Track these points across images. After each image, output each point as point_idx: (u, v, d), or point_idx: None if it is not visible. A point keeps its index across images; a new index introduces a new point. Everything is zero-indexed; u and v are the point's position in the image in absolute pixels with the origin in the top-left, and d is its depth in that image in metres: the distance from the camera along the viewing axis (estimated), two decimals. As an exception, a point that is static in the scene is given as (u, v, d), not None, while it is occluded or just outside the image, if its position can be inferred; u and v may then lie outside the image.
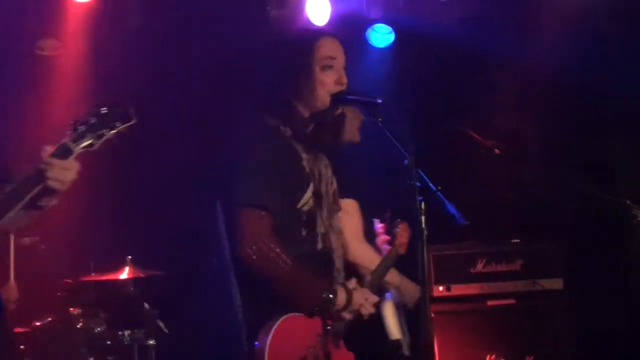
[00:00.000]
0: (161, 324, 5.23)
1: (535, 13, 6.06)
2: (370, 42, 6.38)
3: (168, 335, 5.25)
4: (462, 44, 6.15)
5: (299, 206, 3.32)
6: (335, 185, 3.54)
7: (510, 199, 5.35)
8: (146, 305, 5.24)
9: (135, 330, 5.14)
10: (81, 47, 5.81)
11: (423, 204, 3.10)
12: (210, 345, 5.55)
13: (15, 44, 5.71)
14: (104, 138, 2.87)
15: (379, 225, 4.62)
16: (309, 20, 5.88)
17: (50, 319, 5.29)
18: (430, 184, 3.19)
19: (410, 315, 4.71)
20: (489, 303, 5.52)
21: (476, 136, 4.90)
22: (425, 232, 3.08)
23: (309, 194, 3.34)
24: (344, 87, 3.43)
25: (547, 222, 5.83)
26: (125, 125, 2.89)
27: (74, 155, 2.82)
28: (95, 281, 5.34)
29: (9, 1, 5.53)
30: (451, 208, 3.30)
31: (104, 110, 2.87)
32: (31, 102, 5.82)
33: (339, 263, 3.51)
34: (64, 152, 2.84)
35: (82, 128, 2.86)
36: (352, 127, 4.54)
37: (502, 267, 5.51)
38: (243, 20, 5.74)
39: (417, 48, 6.31)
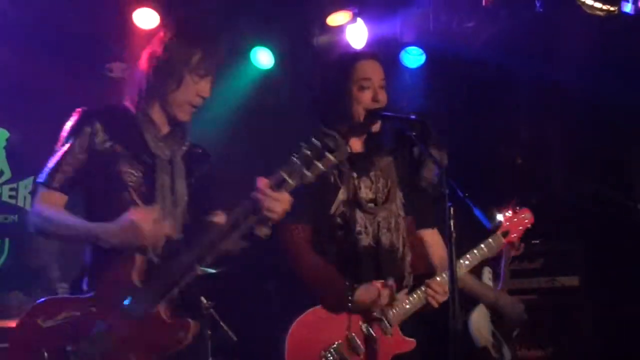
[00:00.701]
0: (216, 316, 5.54)
1: (555, 34, 6.22)
2: (403, 64, 6.52)
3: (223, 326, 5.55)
4: (488, 64, 6.31)
5: (332, 212, 3.67)
6: (383, 188, 3.74)
7: (533, 203, 5.61)
8: (202, 298, 5.56)
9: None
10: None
11: (452, 209, 3.15)
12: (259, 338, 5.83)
13: (86, 66, 5.92)
14: (318, 171, 2.97)
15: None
16: (348, 44, 6.10)
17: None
18: (459, 191, 3.26)
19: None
20: None
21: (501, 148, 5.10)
22: (454, 235, 3.13)
23: (338, 200, 3.67)
24: (380, 104, 3.71)
25: (566, 224, 6.04)
26: (337, 158, 2.99)
27: (289, 189, 2.99)
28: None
29: (79, 26, 5.70)
30: (478, 213, 3.45)
31: (316, 143, 2.97)
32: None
33: (388, 256, 3.72)
34: (278, 184, 2.99)
35: (297, 161, 2.96)
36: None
37: (524, 266, 5.81)
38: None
39: (446, 68, 6.49)
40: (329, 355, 3.51)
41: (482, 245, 3.90)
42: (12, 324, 3.34)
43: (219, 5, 5.82)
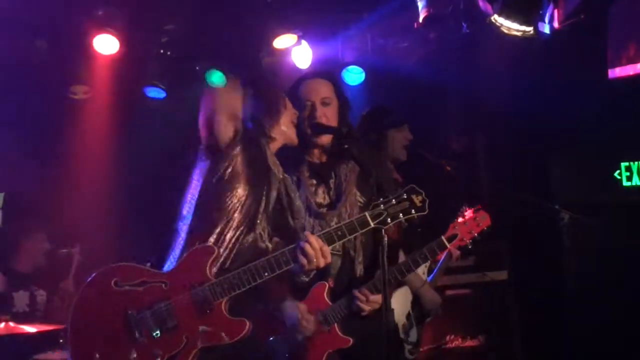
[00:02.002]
0: None
1: (480, 54, 6.50)
2: (345, 81, 6.63)
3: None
4: (421, 81, 6.59)
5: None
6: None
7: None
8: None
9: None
10: (107, 91, 6.23)
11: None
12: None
13: (52, 89, 6.19)
14: (397, 221, 3.23)
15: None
16: (294, 65, 6.32)
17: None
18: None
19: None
20: (447, 292, 6.15)
21: (429, 156, 5.29)
22: (385, 238, 3.28)
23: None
24: (318, 120, 3.92)
25: (494, 225, 6.31)
26: (418, 215, 3.25)
27: (368, 229, 3.23)
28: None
29: (44, 50, 5.89)
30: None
31: (404, 196, 3.26)
32: (64, 141, 6.21)
33: (336, 260, 3.88)
34: (360, 224, 3.27)
35: (382, 207, 3.23)
36: (398, 146, 5.12)
37: (458, 263, 6.05)
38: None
39: (384, 85, 6.76)
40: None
41: (424, 249, 4.12)
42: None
43: (176, 30, 6.05)
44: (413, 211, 3.27)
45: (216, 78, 6.06)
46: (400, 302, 4.90)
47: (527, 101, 6.55)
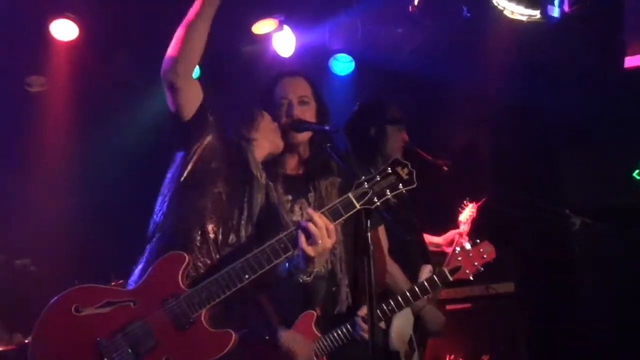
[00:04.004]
0: None
1: (483, 42, 6.38)
2: (332, 71, 6.65)
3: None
4: (417, 71, 6.49)
5: None
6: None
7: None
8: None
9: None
10: (66, 82, 6.04)
11: (369, 222, 3.16)
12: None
13: (4, 81, 5.95)
14: (384, 198, 3.12)
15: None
16: (276, 53, 6.19)
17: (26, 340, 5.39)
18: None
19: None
20: (447, 307, 5.97)
21: (425, 155, 5.19)
22: (372, 248, 3.12)
23: None
24: (294, 118, 3.80)
25: (498, 231, 6.01)
26: (407, 189, 3.13)
27: (353, 212, 3.11)
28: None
29: None
30: (392, 226, 3.61)
31: (389, 171, 3.14)
32: (20, 136, 6.05)
33: (320, 283, 3.78)
34: (344, 206, 3.13)
35: (366, 186, 3.12)
36: (395, 146, 5.01)
37: None
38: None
39: (376, 76, 6.64)
40: None
41: (425, 282, 4.02)
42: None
43: (141, 14, 5.84)
44: (401, 185, 3.12)
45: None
46: (400, 327, 4.67)
47: (534, 93, 6.46)
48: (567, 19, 5.91)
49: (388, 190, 3.12)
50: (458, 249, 4.08)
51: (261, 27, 6.16)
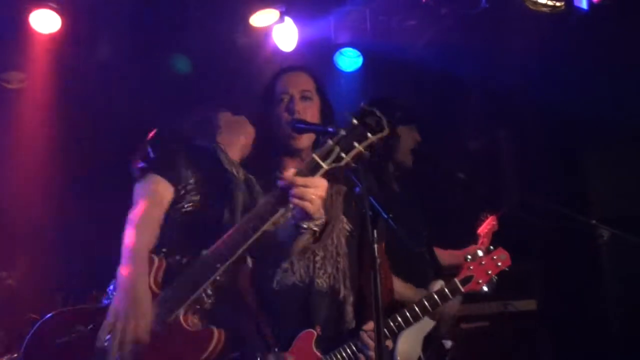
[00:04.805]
0: None
1: (502, 34, 6.27)
2: (338, 67, 6.52)
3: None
4: (431, 67, 6.35)
5: None
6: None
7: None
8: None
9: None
10: (47, 78, 5.88)
11: (376, 232, 3.10)
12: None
13: None
14: (354, 152, 2.95)
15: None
16: (276, 47, 6.05)
17: (15, 355, 5.27)
18: (382, 212, 3.24)
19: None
20: (463, 326, 5.79)
21: (438, 161, 5.12)
22: (379, 261, 3.06)
23: None
24: (297, 116, 3.71)
25: (519, 243, 6.14)
26: (377, 137, 2.95)
27: (322, 172, 2.95)
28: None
29: None
30: (402, 235, 3.46)
31: (354, 121, 2.94)
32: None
33: (322, 300, 3.71)
34: (310, 169, 2.96)
35: (330, 142, 2.96)
36: (406, 148, 4.90)
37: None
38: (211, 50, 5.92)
39: (385, 72, 6.48)
40: None
41: (434, 294, 3.90)
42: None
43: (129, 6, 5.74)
44: (369, 134, 2.92)
45: (181, 64, 6.08)
46: (409, 345, 4.50)
47: (558, 91, 6.31)
48: (595, 9, 5.82)
49: (356, 143, 2.93)
50: (469, 257, 3.97)
51: (260, 18, 6.02)
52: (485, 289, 3.92)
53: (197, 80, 6.03)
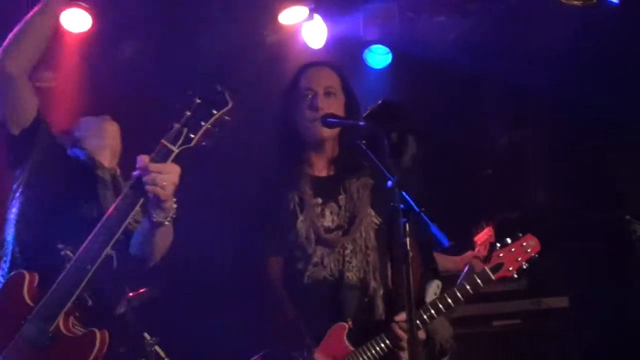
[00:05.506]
0: (161, 352, 5.21)
1: (532, 29, 6.23)
2: (367, 64, 6.51)
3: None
4: (460, 64, 6.32)
5: (292, 243, 3.66)
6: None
7: (512, 218, 5.58)
8: (145, 334, 5.18)
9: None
10: (76, 77, 5.90)
11: (407, 225, 3.09)
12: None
13: None
14: (202, 130, 2.89)
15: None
16: (305, 45, 6.06)
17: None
18: (414, 206, 3.24)
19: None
20: (494, 323, 5.83)
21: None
22: (411, 254, 3.06)
23: (297, 230, 3.67)
24: (321, 111, 3.71)
25: (551, 239, 6.08)
26: (222, 112, 2.89)
27: (173, 156, 2.89)
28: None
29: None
30: (435, 230, 3.42)
31: (197, 100, 2.88)
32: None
33: (353, 294, 3.70)
34: (162, 155, 2.89)
35: (177, 125, 2.89)
36: (409, 161, 4.77)
37: (507, 287, 5.69)
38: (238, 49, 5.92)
39: (414, 69, 6.46)
40: None
41: (465, 282, 3.81)
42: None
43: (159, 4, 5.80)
44: (214, 111, 2.88)
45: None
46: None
47: (589, 87, 6.25)
48: (628, 2, 5.81)
49: (202, 122, 2.88)
50: (498, 245, 3.91)
51: (289, 16, 6.01)
52: (515, 275, 3.87)
53: (227, 80, 6.01)
